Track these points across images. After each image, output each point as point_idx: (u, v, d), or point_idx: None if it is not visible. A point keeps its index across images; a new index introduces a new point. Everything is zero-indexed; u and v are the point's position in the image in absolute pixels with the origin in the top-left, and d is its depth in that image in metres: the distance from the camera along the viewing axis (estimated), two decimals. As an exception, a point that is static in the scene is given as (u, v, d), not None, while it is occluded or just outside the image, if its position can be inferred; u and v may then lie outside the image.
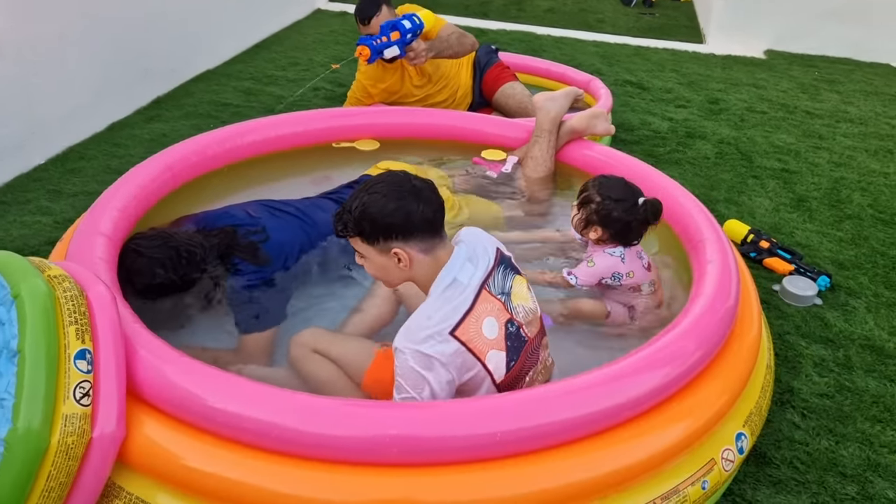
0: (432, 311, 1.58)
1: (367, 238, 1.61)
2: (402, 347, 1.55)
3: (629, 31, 6.22)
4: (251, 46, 5.12)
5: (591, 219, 2.14)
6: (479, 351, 1.58)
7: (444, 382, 1.55)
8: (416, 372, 1.53)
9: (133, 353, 1.57)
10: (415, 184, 1.60)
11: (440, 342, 1.54)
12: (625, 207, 2.09)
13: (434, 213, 1.60)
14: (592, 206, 2.13)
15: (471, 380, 1.61)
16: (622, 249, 2.16)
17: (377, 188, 1.59)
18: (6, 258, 1.56)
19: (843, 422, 2.08)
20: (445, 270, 1.61)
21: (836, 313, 2.56)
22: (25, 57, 3.13)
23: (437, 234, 1.62)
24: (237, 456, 1.47)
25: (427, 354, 1.53)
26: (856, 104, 4.70)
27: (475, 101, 3.78)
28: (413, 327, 1.57)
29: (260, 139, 2.68)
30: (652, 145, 3.85)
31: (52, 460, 1.39)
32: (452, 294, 1.60)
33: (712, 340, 1.76)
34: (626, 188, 2.14)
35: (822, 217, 3.22)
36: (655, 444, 1.57)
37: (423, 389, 1.54)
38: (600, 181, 2.17)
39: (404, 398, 1.56)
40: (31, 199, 3.00)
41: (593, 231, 2.15)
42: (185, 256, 2.03)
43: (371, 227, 1.58)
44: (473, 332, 1.58)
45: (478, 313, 1.60)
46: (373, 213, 1.57)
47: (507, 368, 1.63)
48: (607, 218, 2.11)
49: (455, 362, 1.56)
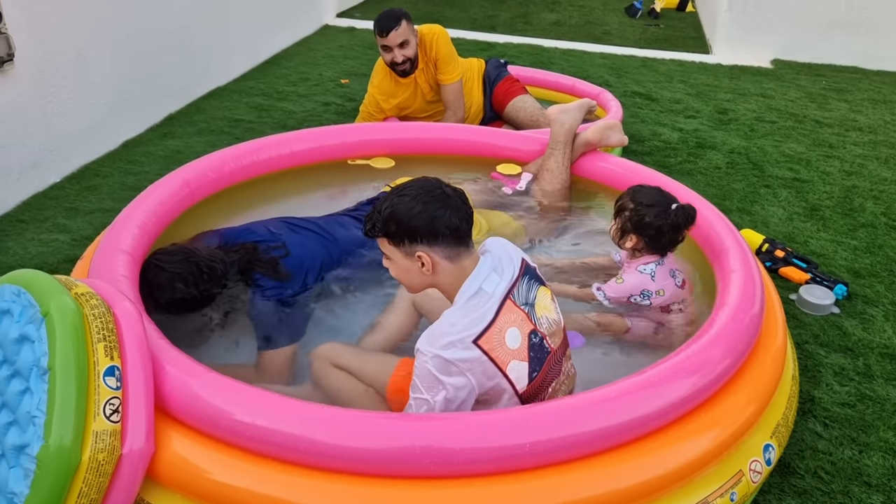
0: (457, 318, 1.59)
1: (392, 239, 1.62)
2: (424, 350, 1.56)
3: (636, 42, 6.25)
4: (261, 63, 5.17)
5: (626, 226, 2.15)
6: (500, 361, 1.59)
7: (461, 387, 1.56)
8: (434, 376, 1.55)
9: (160, 369, 1.58)
10: (445, 190, 1.62)
11: (462, 349, 1.55)
12: (657, 212, 2.10)
13: (461, 220, 1.61)
14: (626, 214, 2.15)
15: (492, 389, 1.61)
16: (653, 267, 2.16)
17: (407, 191, 1.61)
18: (34, 277, 1.58)
19: (866, 431, 2.07)
20: (471, 279, 1.62)
21: (854, 322, 2.55)
22: (43, 76, 3.17)
23: (462, 243, 1.63)
24: (266, 470, 1.47)
25: (447, 360, 1.54)
26: (864, 113, 4.71)
27: (486, 116, 3.80)
28: (436, 332, 1.58)
29: (276, 155, 2.69)
30: (663, 156, 3.86)
31: (83, 477, 1.40)
32: (477, 303, 1.60)
33: (739, 349, 1.75)
34: (660, 194, 2.16)
35: (835, 226, 3.22)
36: (684, 455, 1.57)
37: (437, 393, 1.55)
38: (634, 189, 2.19)
39: (417, 398, 1.58)
40: (48, 217, 3.02)
41: (629, 240, 2.16)
42: (206, 272, 2.04)
43: (397, 229, 1.60)
44: (496, 341, 1.59)
45: (501, 324, 1.60)
46: (399, 214, 1.59)
47: (530, 379, 1.63)
48: (640, 224, 2.12)
49: (476, 370, 1.57)
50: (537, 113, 3.60)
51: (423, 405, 1.57)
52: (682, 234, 2.14)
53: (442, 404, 1.55)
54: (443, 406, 1.56)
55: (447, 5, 7.36)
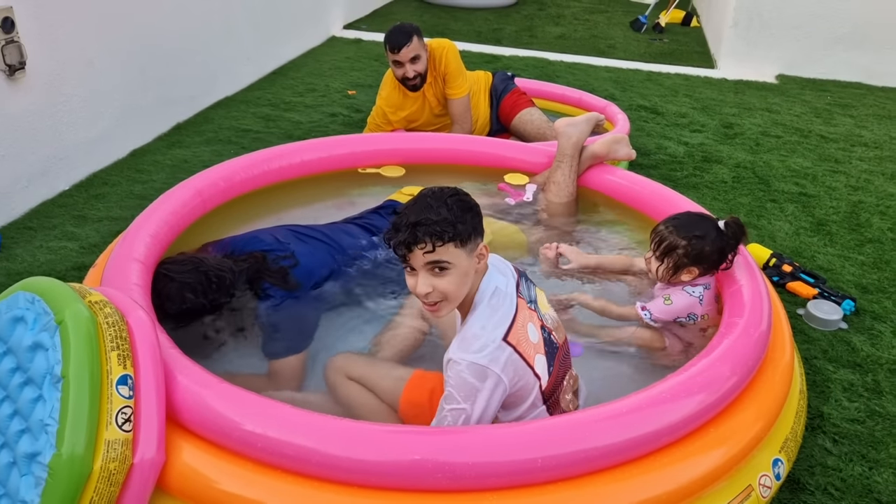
0: (484, 320, 1.60)
1: (462, 239, 1.55)
2: (458, 359, 1.55)
3: (641, 56, 6.27)
4: (269, 73, 5.19)
5: (682, 262, 2.09)
6: (527, 355, 1.61)
7: (497, 389, 1.56)
8: (470, 383, 1.54)
9: (171, 379, 1.58)
10: (454, 189, 1.62)
11: (495, 349, 1.56)
12: (712, 239, 2.06)
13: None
14: (679, 252, 2.08)
15: (522, 388, 1.62)
16: (702, 290, 2.13)
17: (439, 194, 1.57)
18: (49, 284, 1.58)
19: (876, 447, 2.06)
20: (486, 280, 1.65)
21: (863, 337, 2.55)
22: (54, 85, 3.19)
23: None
24: (276, 482, 1.47)
25: (482, 365, 1.54)
26: (870, 128, 4.72)
27: (493, 128, 3.82)
28: (468, 337, 1.57)
29: (287, 164, 2.70)
30: (669, 170, 3.87)
31: (95, 486, 1.40)
32: (498, 302, 1.63)
33: (747, 365, 1.76)
34: (702, 220, 2.11)
35: (842, 241, 3.22)
36: (694, 470, 1.57)
37: (475, 401, 1.54)
38: (674, 225, 2.11)
39: (454, 409, 1.55)
40: (56, 225, 3.03)
41: (686, 273, 2.11)
42: (214, 281, 2.04)
43: (473, 220, 1.57)
44: (521, 335, 1.61)
45: (521, 319, 1.63)
46: (471, 204, 1.58)
47: (549, 373, 1.67)
48: (700, 256, 2.07)
49: (508, 369, 1.57)
50: (544, 125, 3.61)
51: (460, 415, 1.54)
52: (738, 249, 2.11)
53: (480, 411, 1.54)
54: (481, 412, 1.55)
55: (452, 18, 7.40)
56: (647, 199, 2.65)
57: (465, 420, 1.55)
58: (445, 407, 1.57)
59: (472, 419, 1.54)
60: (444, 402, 1.58)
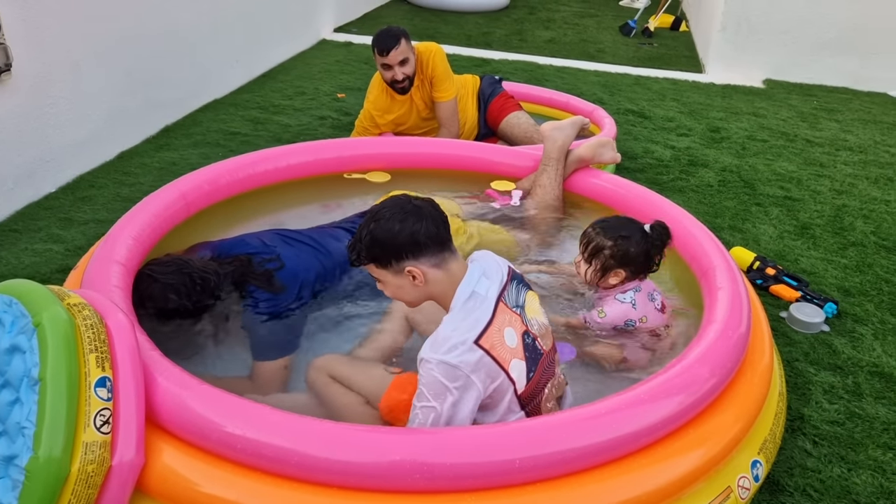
0: (457, 322, 1.62)
1: (380, 263, 1.67)
2: (429, 358, 1.58)
3: (629, 60, 6.31)
4: (258, 76, 5.19)
5: (609, 264, 2.12)
6: (502, 359, 1.62)
7: (468, 391, 1.57)
8: (440, 382, 1.56)
9: (151, 380, 1.58)
10: (415, 203, 1.67)
11: (465, 351, 1.58)
12: (637, 240, 2.11)
13: (437, 227, 1.66)
14: (606, 252, 2.12)
15: (496, 390, 1.63)
16: (632, 294, 2.14)
17: (381, 214, 1.65)
18: (26, 287, 1.58)
19: (855, 449, 2.08)
20: (463, 285, 1.66)
21: (844, 340, 2.57)
22: (40, 87, 3.18)
23: (445, 248, 1.67)
24: (256, 483, 1.47)
25: (453, 364, 1.56)
26: (855, 133, 4.76)
27: (480, 132, 3.83)
28: (439, 339, 1.60)
29: (272, 168, 2.70)
30: (655, 173, 3.90)
31: (73, 488, 1.39)
32: (473, 305, 1.64)
33: (726, 367, 1.77)
34: (628, 222, 2.16)
35: (826, 244, 3.25)
36: (673, 472, 1.57)
37: (444, 400, 1.56)
38: (601, 226, 2.16)
39: (424, 406, 1.58)
40: (42, 228, 3.02)
41: (613, 276, 2.14)
42: (199, 283, 2.04)
43: (382, 252, 1.65)
44: (496, 340, 1.62)
45: (498, 323, 1.64)
46: (381, 238, 1.63)
47: (527, 379, 1.67)
48: (626, 257, 2.11)
49: (480, 371, 1.59)
50: (531, 129, 3.62)
51: (430, 413, 1.57)
52: (664, 252, 2.14)
53: (450, 410, 1.56)
54: (450, 413, 1.56)
55: (443, 22, 7.42)
56: (633, 203, 2.66)
57: (434, 418, 1.57)
58: (417, 405, 1.60)
59: (443, 418, 1.56)
60: (415, 400, 1.61)
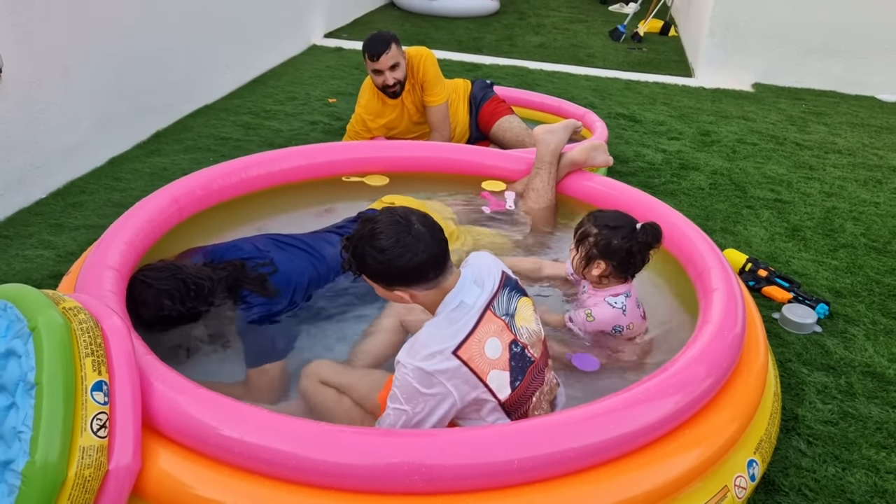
0: (437, 330, 1.62)
1: (370, 278, 1.68)
2: (405, 362, 1.59)
3: (619, 65, 6.34)
4: (249, 81, 5.19)
5: (592, 253, 2.08)
6: (480, 371, 1.62)
7: (441, 398, 1.58)
8: (414, 388, 1.57)
9: (147, 384, 1.57)
10: (414, 233, 1.60)
11: (442, 360, 1.58)
12: (623, 234, 2.05)
13: (435, 257, 1.62)
14: (591, 240, 2.08)
15: (473, 400, 1.63)
16: (623, 300, 2.11)
17: (378, 238, 1.60)
18: (22, 291, 1.57)
19: (849, 448, 2.09)
20: (452, 294, 1.66)
21: (836, 341, 2.59)
22: (30, 92, 3.16)
23: (440, 273, 1.65)
24: (253, 486, 1.47)
25: (428, 371, 1.57)
26: (843, 136, 4.80)
27: (472, 136, 3.84)
28: (417, 344, 1.60)
29: (265, 173, 2.70)
30: (647, 176, 3.92)
31: (69, 493, 1.38)
32: (458, 315, 1.64)
33: (722, 367, 1.78)
34: (622, 216, 2.11)
35: (816, 246, 3.27)
36: (670, 472, 1.58)
37: (416, 404, 1.57)
38: (594, 214, 2.14)
39: (396, 409, 1.60)
40: (32, 234, 3.00)
41: (595, 267, 2.09)
42: (193, 289, 2.04)
43: (373, 274, 1.66)
44: (475, 351, 1.62)
45: (480, 334, 1.64)
46: (372, 265, 1.62)
47: (512, 388, 1.67)
48: (608, 248, 2.05)
49: (455, 380, 1.59)
50: (523, 133, 3.64)
51: (401, 416, 1.59)
52: (650, 254, 2.10)
53: (421, 416, 1.57)
54: (421, 418, 1.57)
55: (433, 27, 7.44)
56: (626, 205, 2.66)
57: (405, 421, 1.58)
58: (390, 405, 1.61)
59: (412, 422, 1.58)
60: (389, 401, 1.62)
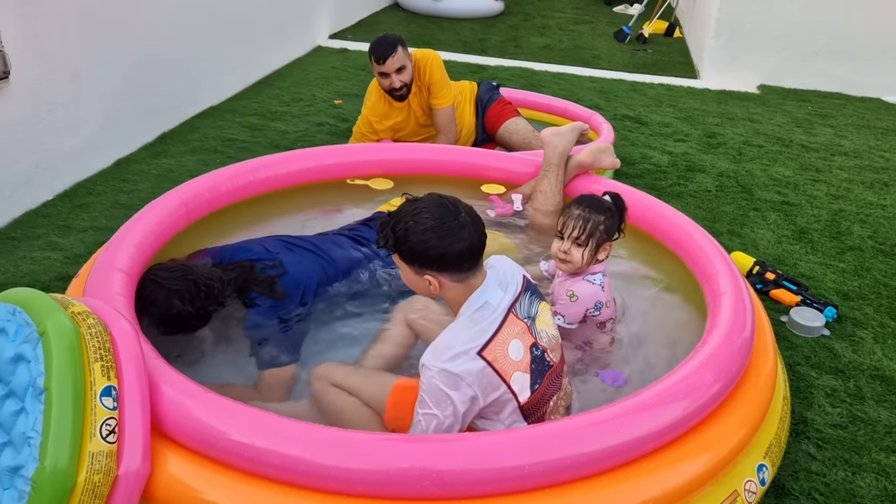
0: (461, 330, 1.62)
1: (403, 258, 1.66)
2: (430, 365, 1.58)
3: (625, 66, 6.33)
4: (255, 83, 5.19)
5: (602, 239, 2.10)
6: (504, 372, 1.62)
7: (468, 399, 1.58)
8: (441, 390, 1.57)
9: (156, 389, 1.57)
10: (459, 219, 1.62)
11: (467, 361, 1.58)
12: (614, 211, 2.13)
13: (473, 249, 1.63)
14: (601, 228, 2.09)
15: (496, 401, 1.64)
16: (601, 277, 2.14)
17: (422, 217, 1.60)
18: (30, 295, 1.57)
19: (859, 452, 2.08)
20: (477, 294, 1.66)
21: (844, 344, 2.58)
22: (38, 94, 3.17)
23: (473, 266, 1.66)
24: (263, 491, 1.46)
25: (454, 373, 1.56)
26: (849, 138, 4.79)
27: (478, 138, 3.83)
28: (441, 346, 1.60)
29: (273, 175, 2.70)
30: (653, 179, 3.91)
31: (79, 499, 1.38)
32: (482, 316, 1.64)
33: (731, 371, 1.77)
34: (598, 197, 2.16)
35: (824, 249, 3.26)
36: (679, 476, 1.58)
37: (445, 407, 1.57)
38: (586, 206, 2.11)
39: (426, 414, 1.59)
40: (40, 235, 3.01)
41: (604, 251, 2.13)
42: (203, 290, 2.04)
43: (410, 254, 1.63)
44: (500, 352, 1.62)
45: (504, 336, 1.64)
46: (412, 242, 1.61)
47: (532, 391, 1.67)
48: (611, 229, 2.12)
49: (481, 381, 1.59)
50: (530, 135, 3.63)
51: (432, 420, 1.58)
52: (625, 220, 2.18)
53: (451, 418, 1.57)
54: (452, 420, 1.57)
55: (438, 28, 7.44)
56: (632, 208, 2.65)
57: (437, 425, 1.58)
58: (419, 412, 1.61)
59: (444, 425, 1.57)
60: (417, 407, 1.62)
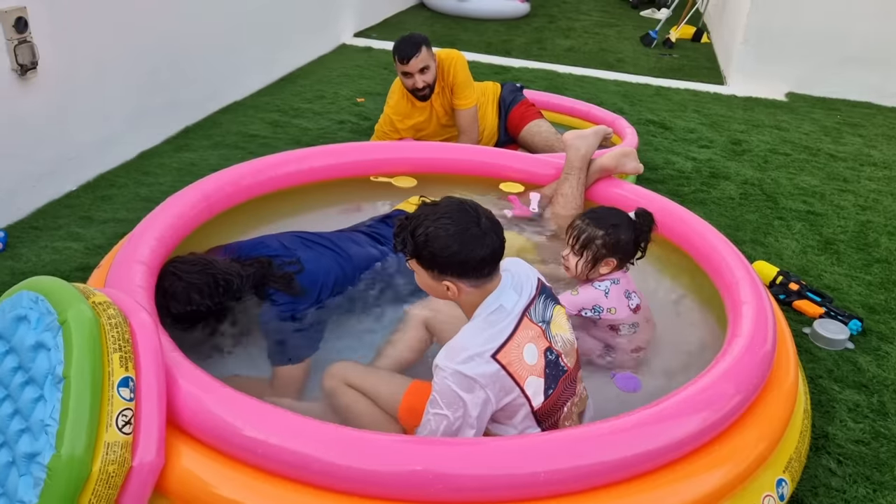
0: (476, 332, 1.61)
1: (421, 264, 1.63)
2: (443, 366, 1.57)
3: (650, 71, 6.27)
4: (278, 79, 5.21)
5: (600, 254, 2.11)
6: (518, 376, 1.61)
7: (481, 402, 1.57)
8: (454, 392, 1.55)
9: (173, 382, 1.57)
10: (481, 226, 1.59)
11: (481, 364, 1.57)
12: (625, 228, 2.11)
13: (495, 254, 1.61)
14: (598, 242, 2.11)
15: (508, 405, 1.62)
16: (608, 284, 2.14)
17: (444, 223, 1.57)
18: (52, 284, 1.58)
19: (881, 469, 2.04)
20: (493, 297, 1.64)
21: (869, 358, 2.53)
22: (65, 85, 3.20)
23: (493, 271, 1.64)
24: (276, 488, 1.46)
25: (467, 375, 1.55)
26: (879, 148, 4.70)
27: (500, 139, 3.82)
28: (456, 347, 1.58)
29: (295, 171, 2.70)
30: (676, 185, 3.87)
31: (93, 488, 1.39)
32: (496, 318, 1.62)
33: (752, 383, 1.74)
34: (616, 212, 2.16)
35: (850, 260, 3.21)
36: (698, 489, 1.55)
37: (457, 409, 1.56)
38: (591, 217, 2.15)
39: (437, 414, 1.58)
40: (62, 226, 3.04)
41: (604, 265, 2.13)
42: (222, 284, 2.04)
43: (430, 259, 1.60)
44: (514, 356, 1.61)
45: (519, 339, 1.62)
46: (433, 248, 1.58)
47: (545, 396, 1.66)
48: (617, 245, 2.11)
49: (494, 385, 1.58)
50: (553, 137, 3.61)
51: (442, 421, 1.57)
52: (650, 237, 2.16)
53: (461, 420, 1.55)
54: (461, 422, 1.55)
55: (463, 29, 7.42)
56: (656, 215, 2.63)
57: (446, 427, 1.56)
58: (430, 411, 1.60)
59: (454, 427, 1.56)
60: (429, 406, 1.60)
